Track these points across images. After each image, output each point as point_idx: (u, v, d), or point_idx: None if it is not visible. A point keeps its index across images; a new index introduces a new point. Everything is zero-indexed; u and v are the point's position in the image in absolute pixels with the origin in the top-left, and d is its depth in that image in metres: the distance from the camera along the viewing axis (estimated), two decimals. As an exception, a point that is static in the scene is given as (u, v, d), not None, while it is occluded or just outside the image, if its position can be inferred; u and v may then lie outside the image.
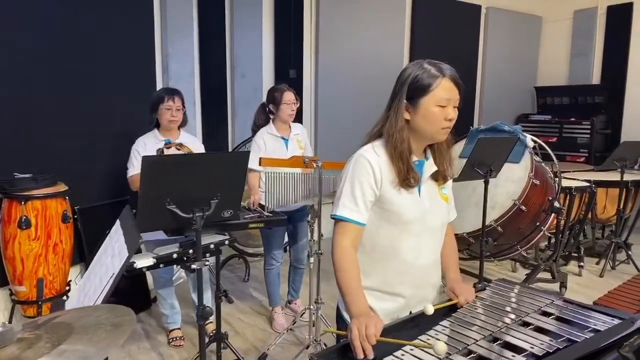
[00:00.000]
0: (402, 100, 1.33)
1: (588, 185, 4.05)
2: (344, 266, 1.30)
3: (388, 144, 1.34)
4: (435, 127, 1.31)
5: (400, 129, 1.32)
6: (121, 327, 0.85)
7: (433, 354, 1.04)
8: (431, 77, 1.29)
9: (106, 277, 1.13)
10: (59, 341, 0.82)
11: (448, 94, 1.29)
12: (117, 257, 1.15)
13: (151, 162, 1.74)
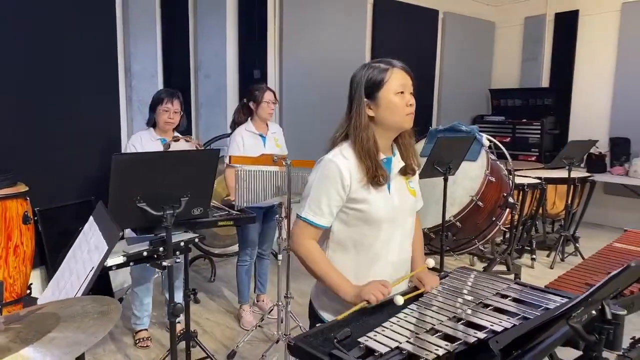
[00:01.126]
0: (362, 99, 1.39)
1: (539, 182, 4.30)
2: (316, 259, 1.36)
3: (355, 144, 1.39)
4: (399, 115, 1.38)
5: (365, 127, 1.38)
6: (108, 314, 0.88)
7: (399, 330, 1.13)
8: (382, 72, 1.38)
9: (84, 271, 1.14)
10: (47, 329, 0.84)
11: (401, 81, 1.37)
12: (96, 252, 1.16)
13: (122, 160, 1.74)
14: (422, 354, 1.05)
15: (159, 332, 3.01)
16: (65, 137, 3.16)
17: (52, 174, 3.05)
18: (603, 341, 1.02)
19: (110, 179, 1.74)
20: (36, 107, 2.97)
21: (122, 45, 3.57)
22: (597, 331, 1.03)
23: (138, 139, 2.74)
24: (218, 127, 4.40)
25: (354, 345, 1.11)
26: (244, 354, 2.76)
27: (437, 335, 1.14)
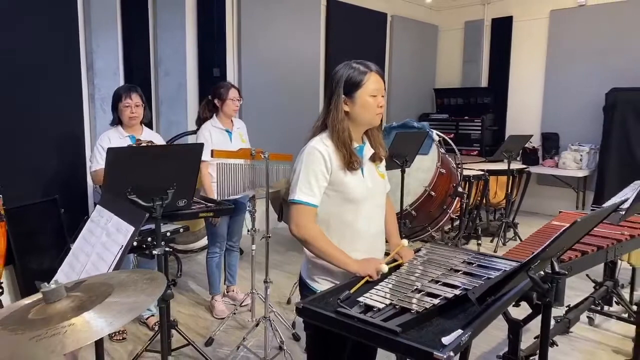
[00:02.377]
0: (341, 96, 1.58)
1: (483, 173, 4.70)
2: (318, 238, 1.54)
3: (333, 134, 1.59)
4: (371, 114, 1.59)
5: (341, 120, 1.58)
6: (156, 280, 1.01)
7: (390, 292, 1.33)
8: (361, 74, 1.57)
9: (108, 251, 1.25)
10: (104, 295, 0.96)
11: (377, 85, 1.58)
12: (118, 234, 1.27)
13: (116, 152, 1.83)
14: (411, 307, 1.26)
15: (132, 326, 3.05)
16: (29, 136, 3.12)
17: (15, 173, 3.01)
18: (554, 288, 1.28)
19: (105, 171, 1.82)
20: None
21: (84, 42, 3.55)
22: (549, 281, 1.29)
23: (106, 139, 2.73)
24: (179, 124, 4.45)
25: (354, 304, 1.30)
26: (221, 341, 2.88)
27: (421, 294, 1.36)
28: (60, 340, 0.83)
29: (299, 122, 5.44)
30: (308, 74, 5.60)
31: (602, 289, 2.72)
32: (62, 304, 0.93)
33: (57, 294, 0.93)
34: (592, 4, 5.86)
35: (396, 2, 6.62)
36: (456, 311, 1.30)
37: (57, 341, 0.82)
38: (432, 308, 1.26)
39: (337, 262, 1.53)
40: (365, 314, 1.24)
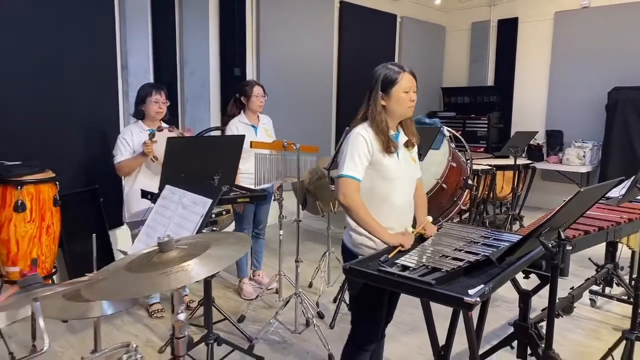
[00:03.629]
0: (378, 92, 1.86)
1: (490, 168, 4.93)
2: (360, 207, 1.79)
3: (373, 124, 1.86)
4: (404, 108, 1.87)
5: (379, 112, 1.86)
6: (243, 237, 1.26)
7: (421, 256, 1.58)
8: (396, 73, 1.85)
9: (187, 221, 1.50)
10: (204, 248, 1.21)
11: (409, 83, 1.86)
12: (195, 206, 1.52)
13: (174, 142, 2.08)
14: (441, 267, 1.50)
15: (168, 306, 3.30)
16: (71, 130, 3.37)
17: (63, 164, 3.24)
18: (561, 252, 1.52)
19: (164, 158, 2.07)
20: (47, 104, 3.16)
21: (119, 43, 3.79)
22: (557, 246, 1.53)
23: (129, 133, 2.95)
24: (202, 121, 4.70)
25: (392, 266, 1.55)
26: (251, 318, 3.13)
27: (448, 258, 1.60)
28: (179, 276, 1.08)
29: (313, 118, 5.70)
30: (321, 72, 5.85)
31: (604, 271, 2.96)
32: (172, 253, 1.18)
33: (169, 245, 1.18)
34: (595, 6, 6.08)
35: (406, 4, 6.85)
36: (478, 272, 1.54)
37: (179, 277, 1.07)
38: (458, 268, 1.51)
39: (373, 231, 1.78)
40: (403, 271, 1.49)
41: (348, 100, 6.03)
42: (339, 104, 6.10)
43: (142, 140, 2.86)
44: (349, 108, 6.04)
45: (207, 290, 2.35)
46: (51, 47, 3.18)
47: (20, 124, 3.00)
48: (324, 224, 5.09)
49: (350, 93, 6.04)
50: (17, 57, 3.00)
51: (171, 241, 1.17)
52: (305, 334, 2.91)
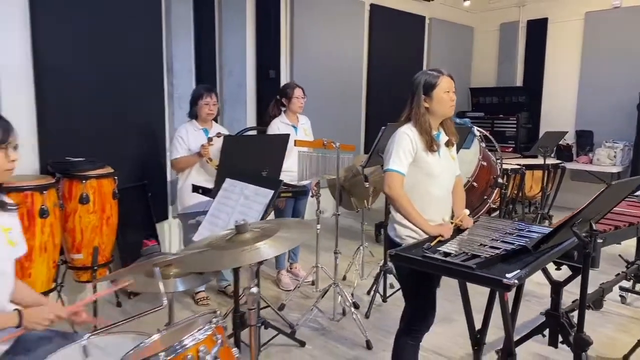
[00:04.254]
0: (421, 95, 2.04)
1: (519, 167, 5.00)
2: (404, 199, 1.96)
3: (416, 125, 2.04)
4: (445, 107, 2.04)
5: (423, 114, 2.04)
6: (307, 224, 1.44)
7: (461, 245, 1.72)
8: (435, 77, 2.03)
9: (250, 210, 1.69)
10: (275, 231, 1.39)
11: (448, 84, 2.03)
12: (259, 196, 1.71)
13: (230, 140, 2.28)
14: (480, 254, 1.65)
15: (211, 294, 3.52)
16: (123, 129, 3.60)
17: (117, 160, 3.47)
18: (593, 241, 1.64)
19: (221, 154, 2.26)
20: (105, 106, 3.40)
21: (165, 46, 4.03)
22: (589, 236, 1.65)
23: (184, 131, 3.22)
24: (239, 121, 4.92)
25: (435, 252, 1.70)
26: (290, 307, 3.32)
27: (486, 247, 1.74)
28: (254, 253, 1.26)
29: (343, 118, 5.85)
30: (352, 73, 6.00)
31: (634, 267, 3.03)
32: (247, 235, 1.36)
33: (245, 228, 1.36)
34: (627, 6, 6.06)
35: (435, 5, 6.94)
36: (514, 260, 1.68)
37: (254, 254, 1.25)
38: (496, 255, 1.65)
39: (414, 222, 1.94)
40: (445, 257, 1.64)
41: (377, 100, 6.17)
42: (368, 103, 6.24)
43: (196, 138, 3.10)
44: (378, 108, 6.19)
45: (257, 277, 2.53)
46: (109, 54, 3.42)
47: (82, 124, 3.24)
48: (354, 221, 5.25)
49: (380, 93, 6.18)
50: (81, 64, 3.25)
51: (246, 224, 1.36)
52: (342, 321, 3.08)
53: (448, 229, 1.92)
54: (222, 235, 1.41)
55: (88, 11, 3.27)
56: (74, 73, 3.20)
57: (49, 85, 3.06)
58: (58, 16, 3.10)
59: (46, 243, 2.56)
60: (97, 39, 3.34)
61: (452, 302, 3.29)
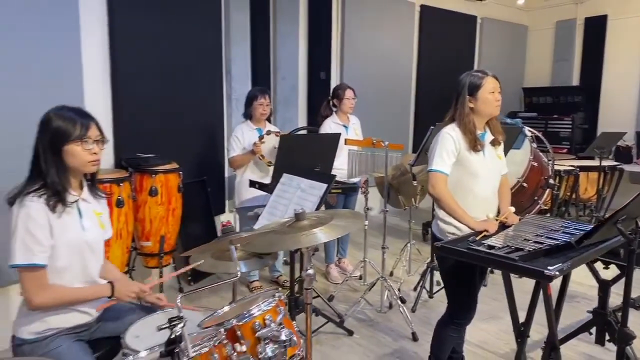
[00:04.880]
0: (466, 96, 2.11)
1: (573, 169, 4.90)
2: (448, 198, 2.05)
3: (460, 125, 2.12)
4: (491, 107, 2.12)
5: (467, 114, 2.11)
6: (358, 215, 1.58)
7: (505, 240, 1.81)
8: (480, 79, 2.10)
9: (307, 201, 1.85)
10: (329, 220, 1.54)
11: (493, 85, 2.10)
12: (314, 189, 1.87)
13: (286, 139, 2.46)
14: (524, 248, 1.73)
15: (264, 284, 3.73)
16: (185, 129, 3.88)
17: (179, 157, 3.76)
18: (637, 238, 1.68)
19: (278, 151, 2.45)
20: (171, 107, 3.69)
21: (224, 51, 4.29)
22: (633, 233, 1.69)
23: (240, 131, 3.44)
24: (291, 121, 5.12)
25: (479, 245, 1.79)
26: (339, 299, 3.47)
27: (530, 242, 1.81)
28: (311, 237, 1.42)
29: (392, 118, 5.94)
30: (401, 73, 6.07)
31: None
32: (305, 222, 1.52)
33: (303, 216, 1.53)
34: (694, 1, 5.77)
35: (487, 5, 6.88)
36: (557, 255, 1.74)
37: (311, 238, 1.41)
38: (539, 249, 1.72)
39: (459, 218, 2.03)
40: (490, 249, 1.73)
41: (426, 100, 6.20)
42: (417, 103, 6.29)
43: (251, 138, 3.31)
44: (427, 107, 6.22)
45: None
46: (175, 60, 3.70)
47: (151, 124, 3.54)
48: (401, 220, 5.32)
49: (429, 93, 6.21)
50: (151, 69, 3.55)
51: (304, 213, 1.52)
52: (389, 314, 3.20)
53: (493, 225, 2.00)
54: (283, 222, 1.58)
55: (157, 22, 3.56)
56: (145, 78, 3.50)
57: (123, 89, 3.38)
58: (131, 26, 3.40)
59: (121, 230, 2.85)
60: (164, 46, 3.63)
61: (498, 301, 3.33)
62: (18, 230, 1.46)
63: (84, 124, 1.57)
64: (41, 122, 1.56)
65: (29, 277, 1.48)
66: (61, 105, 1.61)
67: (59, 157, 1.53)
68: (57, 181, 1.52)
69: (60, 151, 1.53)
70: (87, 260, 1.64)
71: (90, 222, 1.65)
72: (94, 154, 1.59)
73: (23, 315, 1.57)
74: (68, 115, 1.56)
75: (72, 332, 1.61)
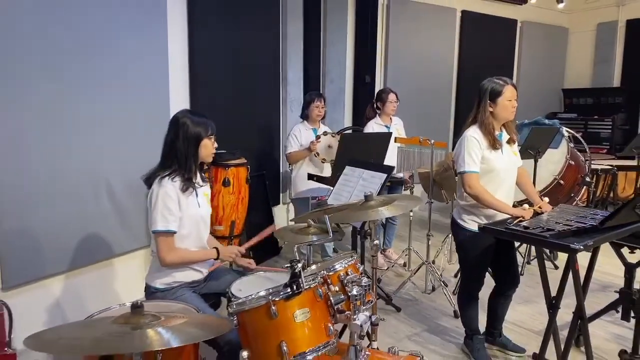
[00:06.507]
0: (487, 101, 2.43)
1: (611, 168, 5.08)
2: (484, 193, 2.37)
3: (482, 126, 2.43)
4: (508, 113, 2.43)
5: (487, 117, 2.43)
6: (415, 198, 1.95)
7: (540, 223, 2.14)
8: (501, 86, 2.41)
9: (368, 187, 2.24)
10: (392, 201, 1.92)
11: (511, 93, 2.41)
12: (375, 178, 2.26)
13: (347, 137, 2.86)
14: (554, 228, 2.05)
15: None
16: (249, 128, 4.35)
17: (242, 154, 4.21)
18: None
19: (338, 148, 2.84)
20: (239, 108, 4.17)
21: (281, 59, 4.74)
22: (651, 217, 1.99)
23: (298, 130, 3.86)
24: (339, 122, 5.52)
25: (517, 226, 2.13)
26: (385, 282, 3.83)
27: (560, 225, 2.14)
28: (377, 213, 1.81)
29: (434, 118, 6.24)
30: (443, 77, 6.38)
31: None
32: (372, 202, 1.91)
33: (371, 197, 1.92)
34: None
35: (527, 8, 7.06)
36: (583, 235, 2.06)
37: (379, 213, 1.80)
38: (568, 230, 2.05)
39: (499, 209, 2.36)
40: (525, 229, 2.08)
41: (467, 102, 6.45)
42: (457, 105, 6.57)
43: (307, 136, 3.73)
44: (467, 109, 6.41)
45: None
46: (242, 67, 4.18)
47: (222, 124, 3.98)
48: (441, 216, 5.62)
49: (469, 95, 6.40)
50: (222, 75, 4.04)
51: (372, 195, 1.91)
52: (432, 295, 3.55)
53: (529, 212, 2.32)
54: (355, 202, 1.97)
55: (227, 34, 4.05)
56: (216, 84, 3.99)
57: (199, 93, 3.86)
58: (206, 38, 3.88)
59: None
60: (233, 55, 4.10)
61: (533, 288, 3.63)
62: (158, 204, 1.91)
63: (210, 124, 2.03)
64: (181, 124, 2.01)
65: (163, 241, 1.93)
66: (186, 110, 2.07)
67: (197, 149, 1.99)
68: (191, 168, 1.98)
69: (199, 145, 1.99)
70: (201, 229, 2.09)
71: (203, 200, 2.10)
72: (215, 148, 2.05)
73: (155, 270, 2.03)
74: (199, 119, 2.02)
75: (190, 286, 2.07)
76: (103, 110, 3.03)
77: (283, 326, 1.49)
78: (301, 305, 1.52)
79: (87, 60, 2.92)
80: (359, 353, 1.52)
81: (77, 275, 2.99)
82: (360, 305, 1.55)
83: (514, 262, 2.61)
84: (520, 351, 2.72)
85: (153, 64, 3.38)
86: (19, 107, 2.59)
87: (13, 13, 2.53)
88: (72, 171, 2.88)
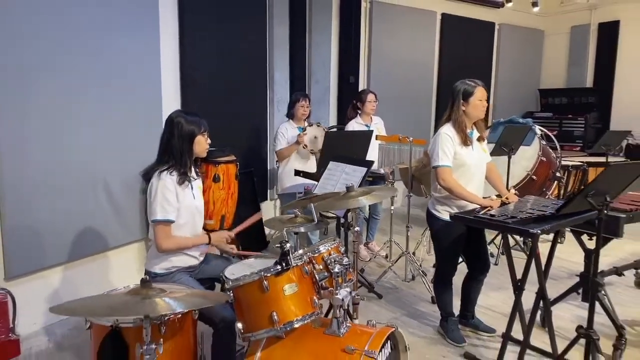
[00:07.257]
0: (460, 101, 2.67)
1: (582, 164, 5.37)
2: (457, 186, 2.59)
3: (455, 124, 2.66)
4: (479, 111, 2.66)
5: (460, 115, 2.67)
6: (391, 189, 2.16)
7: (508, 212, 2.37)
8: (473, 87, 2.65)
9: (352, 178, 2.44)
10: (370, 192, 2.13)
11: (482, 94, 2.65)
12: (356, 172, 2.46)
13: (330, 134, 3.05)
14: (517, 216, 2.28)
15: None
16: (237, 127, 4.52)
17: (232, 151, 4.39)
18: (606, 207, 2.20)
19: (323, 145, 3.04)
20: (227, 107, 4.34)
21: (268, 59, 4.91)
22: (601, 205, 2.22)
23: (284, 128, 4.05)
24: (323, 120, 5.68)
25: (485, 215, 2.36)
26: (368, 272, 4.05)
27: (523, 213, 2.37)
28: (359, 201, 2.01)
29: (415, 118, 6.48)
30: (423, 77, 6.62)
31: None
32: (354, 193, 2.11)
33: (352, 188, 2.12)
34: (702, 8, 6.15)
35: (504, 11, 7.34)
36: (542, 221, 2.29)
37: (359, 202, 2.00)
38: (529, 217, 2.28)
39: (471, 200, 2.58)
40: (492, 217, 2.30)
41: (446, 102, 6.68)
42: (438, 104, 6.82)
43: (293, 134, 3.92)
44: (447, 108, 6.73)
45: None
46: (230, 69, 4.35)
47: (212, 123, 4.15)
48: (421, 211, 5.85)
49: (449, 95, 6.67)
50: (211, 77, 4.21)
51: (353, 186, 2.11)
52: (412, 283, 3.77)
53: (496, 202, 2.55)
54: (337, 192, 2.17)
55: (216, 37, 4.22)
56: (205, 84, 4.16)
57: (190, 95, 4.03)
58: (196, 41, 4.05)
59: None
60: (222, 57, 4.28)
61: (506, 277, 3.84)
62: (157, 196, 2.09)
63: (202, 122, 2.21)
64: (175, 123, 2.18)
65: (161, 229, 2.11)
66: (179, 110, 2.25)
67: (191, 145, 2.17)
68: (187, 163, 2.16)
69: (193, 141, 2.17)
70: (196, 219, 2.27)
71: (197, 193, 2.28)
72: (208, 144, 2.23)
73: (154, 257, 2.20)
74: (192, 117, 2.20)
75: (187, 270, 2.25)
76: (101, 109, 3.20)
77: (274, 299, 1.69)
78: (289, 280, 1.72)
79: (86, 61, 3.08)
80: (340, 325, 1.72)
81: (75, 266, 3.15)
82: (342, 283, 1.76)
83: (485, 249, 2.84)
84: (490, 331, 2.95)
85: (147, 65, 3.54)
86: (20, 107, 2.74)
87: (13, 13, 2.68)
88: (71, 169, 3.04)
